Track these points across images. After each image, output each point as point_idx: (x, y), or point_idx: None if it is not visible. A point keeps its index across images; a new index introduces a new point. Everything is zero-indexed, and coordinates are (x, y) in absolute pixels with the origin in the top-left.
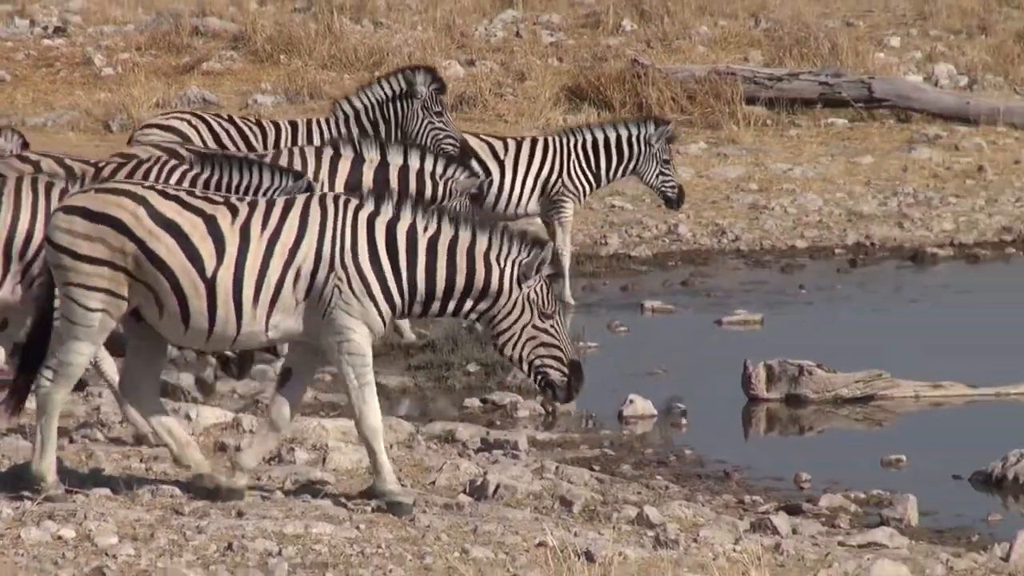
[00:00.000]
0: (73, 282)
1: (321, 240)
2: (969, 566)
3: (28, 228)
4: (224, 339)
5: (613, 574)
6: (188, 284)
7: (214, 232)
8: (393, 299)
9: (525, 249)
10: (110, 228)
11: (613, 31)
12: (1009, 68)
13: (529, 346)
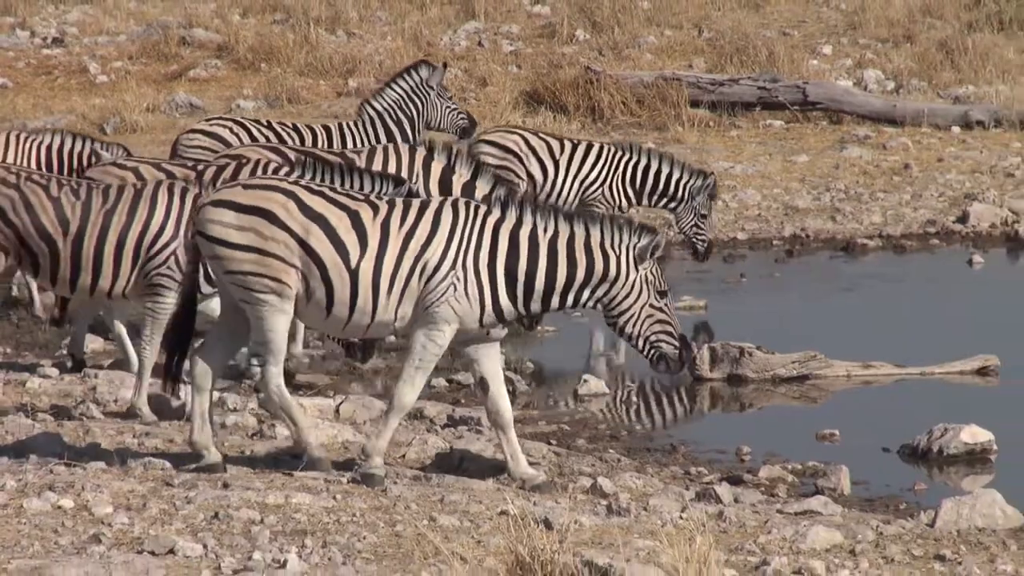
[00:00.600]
0: (231, 270)
1: (449, 240)
2: (897, 532)
3: (159, 228)
4: (359, 327)
5: (569, 540)
6: (335, 273)
7: (358, 226)
8: (501, 304)
9: (636, 234)
10: (262, 219)
11: (568, 40)
12: (932, 74)
13: (647, 323)
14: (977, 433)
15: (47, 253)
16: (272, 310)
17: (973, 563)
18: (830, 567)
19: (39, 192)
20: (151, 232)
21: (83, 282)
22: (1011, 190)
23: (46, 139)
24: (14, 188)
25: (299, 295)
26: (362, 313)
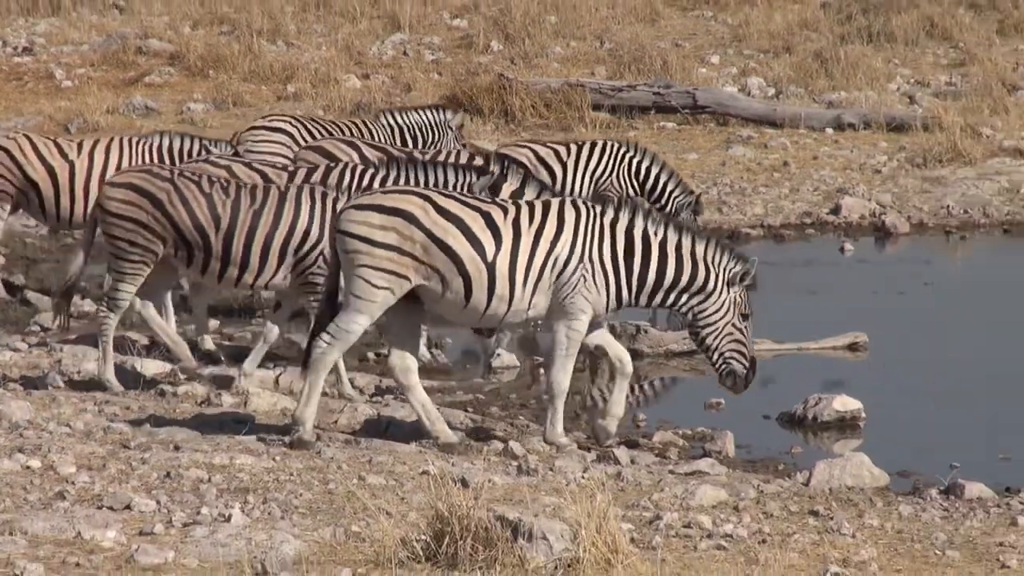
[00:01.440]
0: (366, 264)
1: (575, 237)
2: (776, 490)
3: (305, 229)
4: (495, 317)
5: (483, 497)
6: (473, 268)
7: (491, 226)
8: (622, 292)
9: (733, 259)
10: (402, 220)
11: (483, 51)
12: (808, 81)
13: (726, 340)
14: (847, 402)
15: (200, 245)
16: (374, 307)
17: (843, 518)
18: (716, 521)
19: (192, 187)
20: (298, 234)
21: (230, 274)
22: (878, 185)
23: (155, 140)
24: (169, 182)
25: (435, 290)
26: (498, 303)
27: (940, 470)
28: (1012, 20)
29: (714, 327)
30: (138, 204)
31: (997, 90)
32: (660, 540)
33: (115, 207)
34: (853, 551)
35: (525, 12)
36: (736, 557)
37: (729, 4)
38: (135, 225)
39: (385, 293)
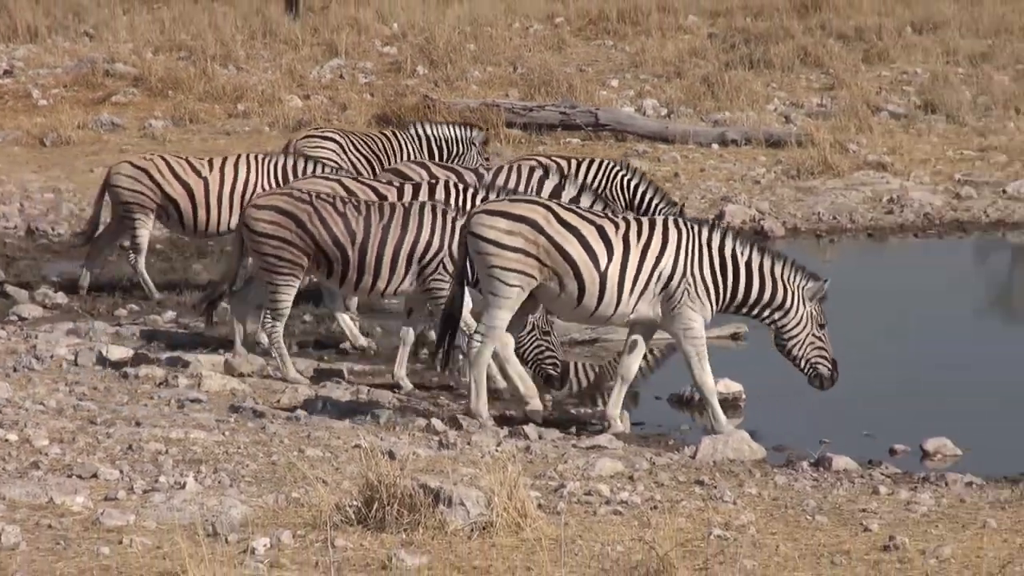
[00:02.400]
0: (497, 265)
1: (678, 253)
2: (667, 462)
3: (428, 240)
4: (601, 318)
5: (408, 468)
6: (587, 274)
7: (604, 237)
8: (719, 302)
9: (807, 278)
10: (527, 226)
11: (410, 74)
12: (697, 102)
13: (809, 348)
14: (730, 384)
15: (339, 258)
16: (510, 302)
17: (726, 487)
18: (613, 489)
19: (328, 208)
20: (422, 244)
21: (365, 283)
22: (757, 194)
23: (278, 159)
24: (308, 204)
25: (552, 290)
26: (606, 306)
27: (811, 445)
28: (876, 50)
29: (797, 339)
30: (283, 224)
31: (862, 111)
32: (564, 506)
33: (262, 227)
34: (734, 516)
35: (447, 41)
36: (631, 521)
37: (627, 34)
38: (281, 242)
39: (517, 290)
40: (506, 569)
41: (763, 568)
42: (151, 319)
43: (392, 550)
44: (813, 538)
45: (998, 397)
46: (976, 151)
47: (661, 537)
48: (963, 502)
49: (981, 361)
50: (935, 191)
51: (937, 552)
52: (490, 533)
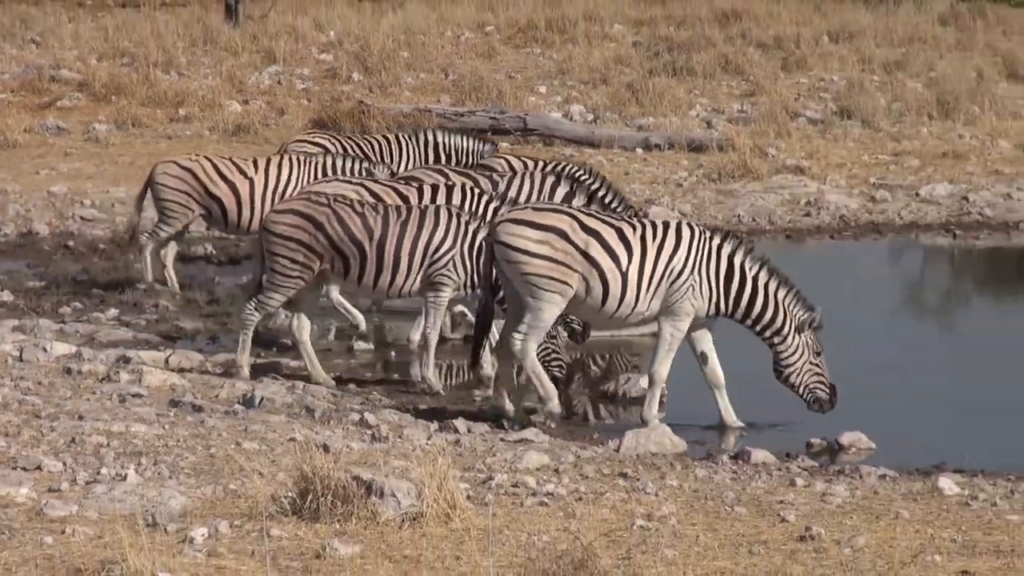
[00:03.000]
0: (529, 272)
1: (689, 253)
2: (591, 455)
3: (439, 244)
4: (620, 318)
5: (342, 460)
6: (612, 276)
7: (623, 240)
8: (720, 306)
9: (804, 308)
10: (555, 235)
11: (346, 80)
12: (622, 108)
13: (807, 375)
14: None
15: (357, 257)
16: (551, 305)
17: (648, 479)
18: (539, 481)
19: (347, 209)
20: (435, 242)
21: (383, 282)
22: (680, 197)
23: (320, 159)
24: (327, 207)
25: (580, 294)
26: (628, 307)
27: (730, 439)
28: (794, 58)
29: (794, 367)
30: (301, 227)
31: (781, 117)
32: (492, 497)
33: (281, 229)
34: (656, 507)
35: (382, 48)
36: (556, 512)
37: (555, 42)
38: (298, 245)
39: (555, 294)
40: (436, 558)
41: (683, 557)
42: (94, 316)
43: (326, 540)
44: (732, 528)
45: (910, 393)
46: (890, 156)
47: (585, 527)
48: (877, 494)
49: (894, 358)
50: (851, 194)
51: (852, 542)
52: (420, 523)
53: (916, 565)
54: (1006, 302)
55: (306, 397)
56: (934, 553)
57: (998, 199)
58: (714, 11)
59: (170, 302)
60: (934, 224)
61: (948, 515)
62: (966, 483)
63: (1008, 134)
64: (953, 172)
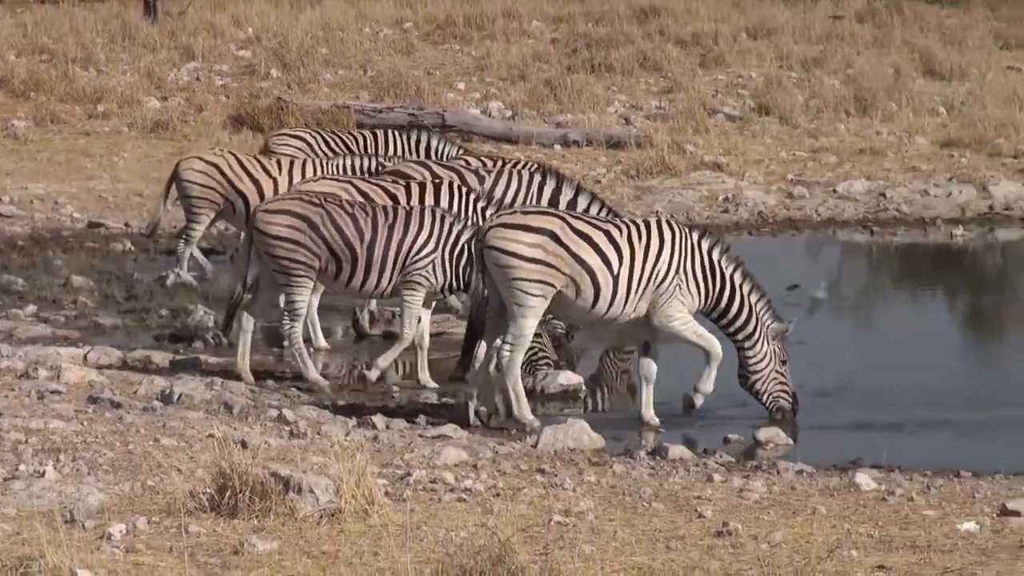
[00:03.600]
0: (520, 277)
1: (672, 252)
2: (509, 451)
3: (422, 246)
4: (609, 318)
5: (260, 456)
6: (602, 278)
7: (612, 242)
8: (706, 300)
9: (773, 317)
10: (547, 237)
11: (264, 77)
12: (540, 105)
13: (772, 384)
14: (571, 377)
15: (349, 259)
16: (535, 310)
17: (566, 475)
18: (457, 477)
19: (338, 210)
20: (419, 244)
21: (369, 283)
22: (598, 193)
23: (341, 161)
24: (320, 207)
25: (570, 296)
26: (616, 307)
27: (648, 435)
28: (712, 55)
29: (761, 375)
30: (297, 227)
31: (699, 113)
32: (410, 493)
33: (276, 230)
34: (573, 503)
35: (300, 44)
36: (474, 508)
37: (473, 39)
38: (296, 245)
39: (540, 299)
40: (354, 554)
41: (601, 553)
42: (13, 313)
43: (244, 536)
44: (649, 524)
45: (827, 389)
46: (808, 152)
47: (503, 523)
48: (794, 489)
49: (810, 354)
50: (768, 191)
51: (768, 537)
52: (338, 519)
53: (833, 560)
54: (923, 298)
55: (225, 393)
56: (851, 548)
57: (915, 195)
58: (632, 8)
59: (88, 298)
60: (851, 220)
61: (865, 510)
62: (883, 479)
63: (925, 131)
64: (870, 169)
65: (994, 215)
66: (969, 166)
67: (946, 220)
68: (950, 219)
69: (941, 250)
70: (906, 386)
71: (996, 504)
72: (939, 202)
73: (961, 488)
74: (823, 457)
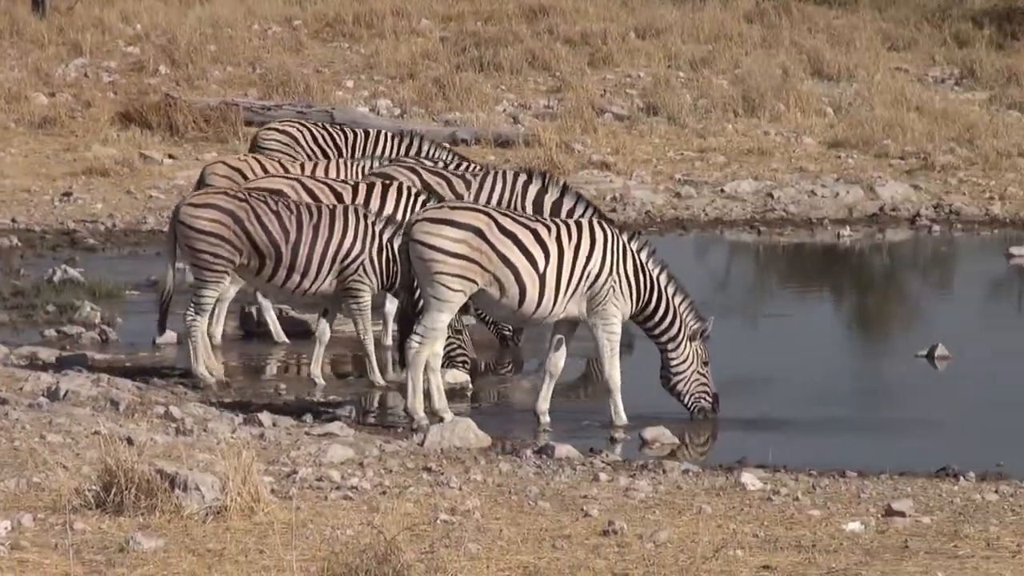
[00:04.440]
0: (441, 271)
1: (605, 253)
2: (396, 449)
3: (350, 245)
4: (538, 317)
5: (146, 453)
6: (528, 277)
7: (539, 241)
8: (638, 302)
9: (695, 317)
10: (472, 234)
11: (153, 74)
12: (429, 103)
13: (693, 384)
14: (457, 375)
15: (273, 256)
16: (451, 305)
17: (452, 473)
18: (344, 475)
19: (263, 207)
20: (345, 246)
21: (292, 282)
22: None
23: (364, 164)
24: (245, 202)
25: (495, 294)
26: (544, 306)
27: (535, 433)
28: (601, 54)
29: (682, 376)
30: (222, 222)
31: (587, 113)
32: (296, 491)
33: (201, 224)
34: (460, 501)
35: (189, 41)
36: (360, 506)
37: (363, 37)
38: (219, 240)
39: (459, 295)
40: (239, 552)
41: (487, 551)
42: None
43: (129, 533)
44: (536, 523)
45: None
46: (696, 152)
47: (389, 521)
48: (680, 489)
49: None
50: (656, 190)
51: (654, 537)
52: (224, 517)
53: (718, 560)
54: (809, 298)
55: (111, 390)
56: (736, 548)
57: (802, 196)
58: (521, 7)
59: None
60: (739, 220)
61: (750, 510)
62: (768, 478)
63: (813, 131)
64: (758, 169)
65: (881, 216)
66: (856, 167)
67: (833, 221)
68: (837, 220)
69: (828, 250)
70: (792, 386)
71: (881, 504)
72: (826, 203)
73: (846, 488)
74: (709, 457)
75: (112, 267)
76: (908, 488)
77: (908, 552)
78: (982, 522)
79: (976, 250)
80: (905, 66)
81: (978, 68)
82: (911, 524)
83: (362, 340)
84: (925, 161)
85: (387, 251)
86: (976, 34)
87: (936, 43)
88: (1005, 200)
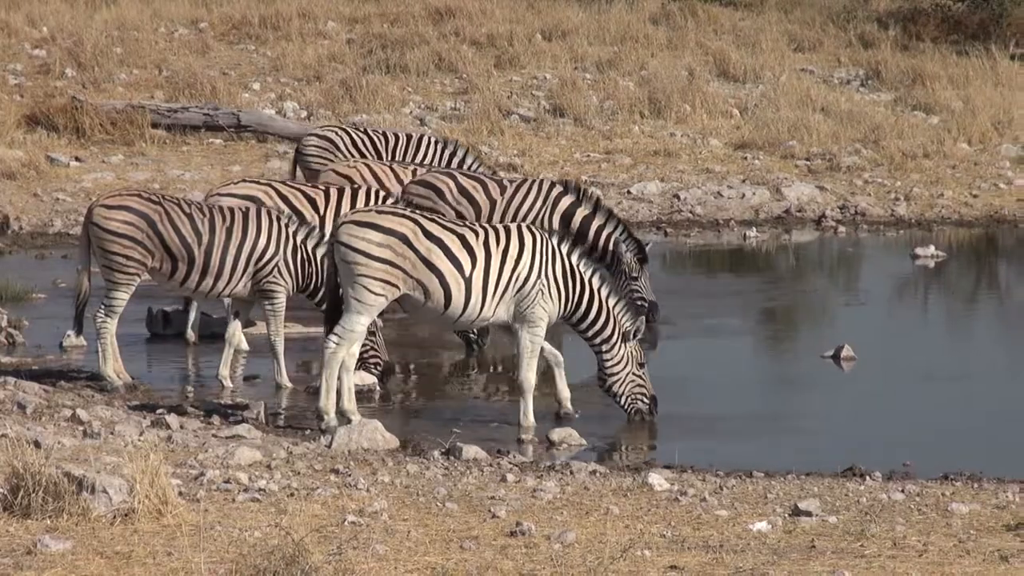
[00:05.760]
0: (364, 274)
1: (533, 257)
2: (304, 451)
3: (264, 246)
4: (466, 322)
5: (53, 456)
6: (453, 282)
7: (466, 246)
8: (566, 306)
9: (629, 319)
10: (396, 239)
11: (59, 76)
12: (335, 105)
13: (629, 386)
14: (364, 377)
15: (185, 259)
16: (371, 309)
17: (360, 475)
18: (252, 477)
19: (176, 209)
20: (259, 248)
21: (205, 285)
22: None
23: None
24: (158, 205)
25: (417, 299)
26: (471, 311)
27: (443, 435)
28: (507, 56)
29: (618, 377)
30: (135, 224)
31: (494, 114)
32: (204, 493)
33: (114, 226)
34: (368, 503)
35: (95, 44)
36: (268, 508)
37: (269, 39)
38: (132, 242)
39: (381, 298)
40: (147, 554)
41: (395, 553)
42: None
43: (37, 536)
44: (443, 524)
45: None
46: (602, 153)
47: (297, 523)
48: (587, 489)
49: None
50: None
51: (562, 537)
52: (132, 519)
53: (626, 560)
54: (716, 299)
55: (18, 393)
56: (644, 548)
57: (708, 197)
58: (427, 8)
59: None
60: (645, 222)
61: (658, 510)
62: (675, 479)
63: (719, 132)
64: (664, 170)
65: (787, 217)
66: (762, 168)
67: (739, 222)
68: (743, 221)
69: (734, 252)
70: (699, 388)
71: (788, 504)
72: (732, 204)
73: (753, 488)
74: (616, 458)
75: (19, 270)
76: (815, 488)
77: (815, 552)
78: (888, 521)
79: (882, 251)
80: (811, 67)
81: (883, 69)
82: (818, 524)
83: (272, 342)
84: (831, 162)
85: (302, 252)
86: (881, 35)
87: (841, 44)
88: (910, 201)
